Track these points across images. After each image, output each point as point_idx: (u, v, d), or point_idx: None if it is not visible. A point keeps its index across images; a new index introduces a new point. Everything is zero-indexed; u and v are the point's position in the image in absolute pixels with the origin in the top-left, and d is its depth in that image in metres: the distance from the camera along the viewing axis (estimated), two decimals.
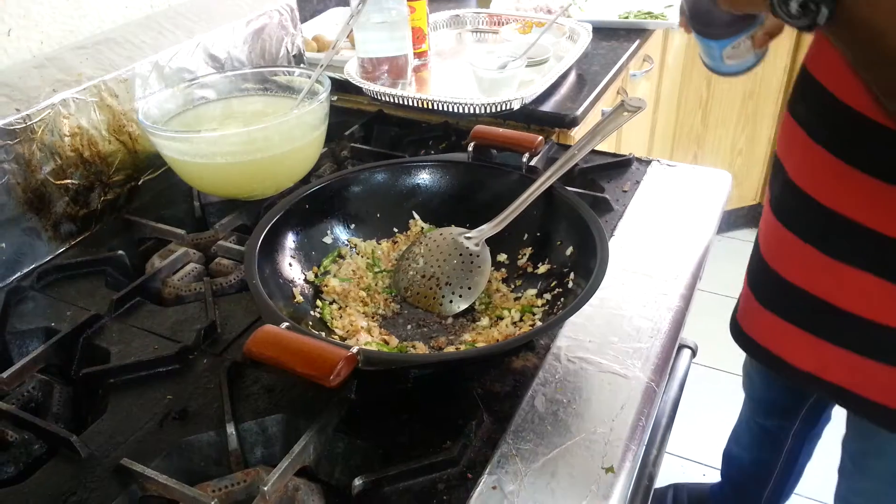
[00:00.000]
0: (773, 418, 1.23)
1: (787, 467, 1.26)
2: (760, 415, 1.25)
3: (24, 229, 0.86)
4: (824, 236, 0.76)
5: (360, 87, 1.21)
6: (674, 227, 0.90)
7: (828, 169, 0.73)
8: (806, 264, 0.79)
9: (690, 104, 2.27)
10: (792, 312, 0.84)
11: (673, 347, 0.74)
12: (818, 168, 0.74)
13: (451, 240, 0.82)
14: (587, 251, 0.73)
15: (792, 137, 0.78)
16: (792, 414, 1.17)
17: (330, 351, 0.55)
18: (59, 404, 0.69)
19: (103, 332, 0.76)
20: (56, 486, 0.59)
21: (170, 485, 0.56)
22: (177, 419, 0.64)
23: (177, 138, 0.88)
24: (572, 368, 0.69)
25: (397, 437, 0.62)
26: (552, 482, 0.58)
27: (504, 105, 1.14)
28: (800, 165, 0.78)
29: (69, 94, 0.89)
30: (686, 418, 1.53)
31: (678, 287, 0.80)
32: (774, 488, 1.30)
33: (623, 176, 1.01)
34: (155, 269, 0.84)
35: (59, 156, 0.89)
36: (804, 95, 0.77)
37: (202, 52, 1.07)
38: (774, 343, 0.88)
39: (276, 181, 0.94)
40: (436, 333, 0.76)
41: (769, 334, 0.89)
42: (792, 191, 0.79)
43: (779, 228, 0.83)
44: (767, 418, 1.24)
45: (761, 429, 1.26)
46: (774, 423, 1.22)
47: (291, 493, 0.58)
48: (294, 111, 0.88)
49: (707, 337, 1.04)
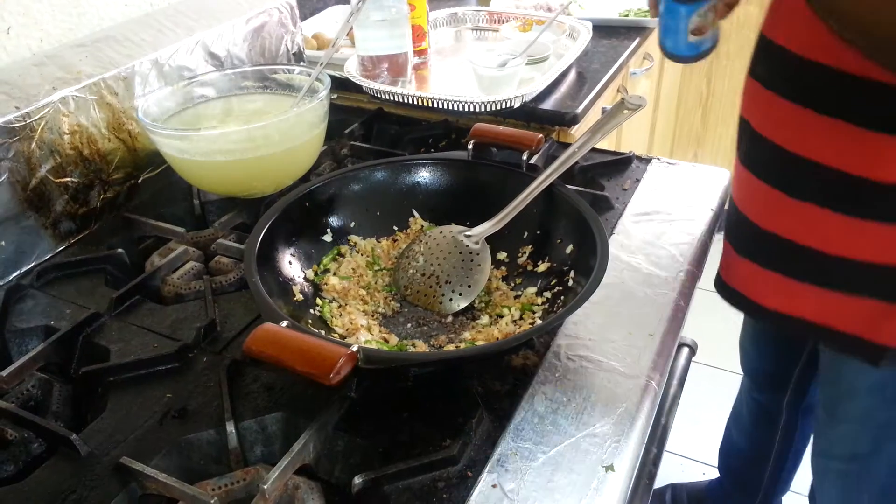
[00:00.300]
0: (766, 391, 1.27)
1: (785, 445, 1.29)
2: (755, 389, 1.29)
3: (24, 227, 0.86)
4: (789, 180, 0.82)
5: (360, 85, 1.21)
6: (674, 226, 0.90)
7: (791, 118, 0.79)
8: (775, 209, 0.84)
9: (691, 102, 2.27)
10: (764, 257, 0.89)
11: (673, 346, 0.74)
12: (781, 119, 0.81)
13: (450, 238, 0.82)
14: (587, 249, 0.73)
15: (755, 96, 0.85)
16: (783, 383, 1.21)
17: (330, 349, 0.55)
18: (58, 403, 0.69)
19: (103, 330, 0.76)
20: (55, 485, 0.59)
21: (169, 483, 0.56)
22: (176, 417, 0.64)
23: (176, 136, 0.88)
24: (572, 367, 0.69)
25: (397, 436, 0.62)
26: (552, 481, 0.58)
27: (504, 103, 1.14)
28: (764, 119, 0.84)
29: (69, 91, 0.89)
30: (686, 417, 1.54)
31: (678, 285, 0.80)
32: (773, 473, 1.32)
33: (623, 174, 1.01)
34: (154, 267, 0.84)
35: (59, 154, 0.89)
36: (766, 58, 0.83)
37: (202, 50, 1.07)
38: (752, 289, 0.93)
39: (275, 179, 0.94)
40: (436, 332, 0.76)
41: (747, 281, 0.93)
42: (759, 143, 0.84)
43: (751, 181, 0.87)
44: (762, 392, 1.28)
45: (757, 404, 1.30)
46: (768, 396, 1.26)
47: (291, 492, 0.58)
48: (294, 109, 0.88)
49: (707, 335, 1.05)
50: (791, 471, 1.35)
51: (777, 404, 1.25)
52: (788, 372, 1.19)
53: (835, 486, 1.06)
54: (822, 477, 1.09)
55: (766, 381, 1.26)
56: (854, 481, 1.02)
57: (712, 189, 0.98)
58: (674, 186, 0.98)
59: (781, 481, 1.35)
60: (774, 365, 1.22)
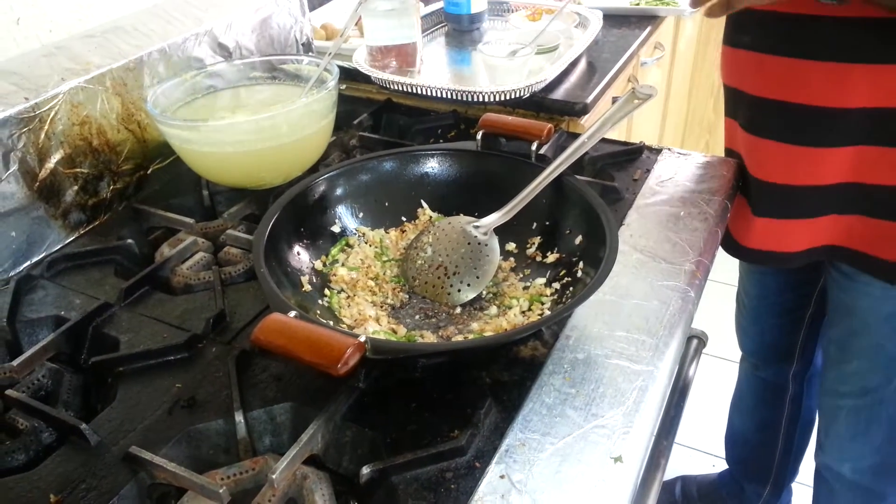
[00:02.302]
0: (771, 365, 1.28)
1: (792, 422, 1.30)
2: (759, 367, 1.31)
3: (34, 218, 0.87)
4: (794, 128, 0.88)
5: (369, 76, 1.21)
6: (685, 216, 0.89)
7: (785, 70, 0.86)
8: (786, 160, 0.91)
9: (702, 92, 2.25)
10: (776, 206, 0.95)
11: (683, 337, 0.74)
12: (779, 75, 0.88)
13: (459, 229, 0.82)
14: (596, 240, 0.72)
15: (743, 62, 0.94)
16: (788, 354, 1.24)
17: (338, 339, 0.55)
18: (68, 392, 0.70)
19: (113, 320, 0.76)
20: (65, 474, 0.59)
21: (178, 472, 0.56)
22: (185, 407, 0.64)
23: (185, 127, 0.88)
24: (581, 358, 0.69)
25: (405, 426, 0.62)
26: (560, 472, 0.58)
27: (513, 93, 1.13)
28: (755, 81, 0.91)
29: (78, 82, 0.89)
30: (695, 409, 1.53)
31: (689, 276, 0.80)
32: (782, 455, 1.33)
33: (633, 164, 1.00)
34: (164, 257, 0.84)
35: (68, 145, 0.89)
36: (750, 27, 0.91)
37: (210, 41, 1.07)
38: (764, 240, 0.98)
39: (284, 170, 0.94)
40: (444, 323, 0.76)
41: (760, 234, 0.98)
42: (760, 105, 0.91)
43: (754, 141, 0.94)
44: (766, 367, 1.29)
45: (762, 382, 1.32)
46: (773, 370, 1.28)
47: (300, 482, 0.58)
48: (302, 99, 0.88)
49: (717, 327, 1.05)
50: (800, 449, 1.35)
51: (783, 376, 1.26)
52: (792, 340, 1.22)
53: (846, 422, 1.08)
54: (832, 416, 1.11)
55: (772, 354, 1.27)
56: (865, 416, 1.04)
57: (724, 179, 0.97)
58: (685, 177, 0.97)
59: (791, 463, 1.35)
60: (778, 336, 1.24)
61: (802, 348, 1.22)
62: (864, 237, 0.92)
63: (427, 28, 1.46)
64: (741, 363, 1.37)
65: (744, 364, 1.36)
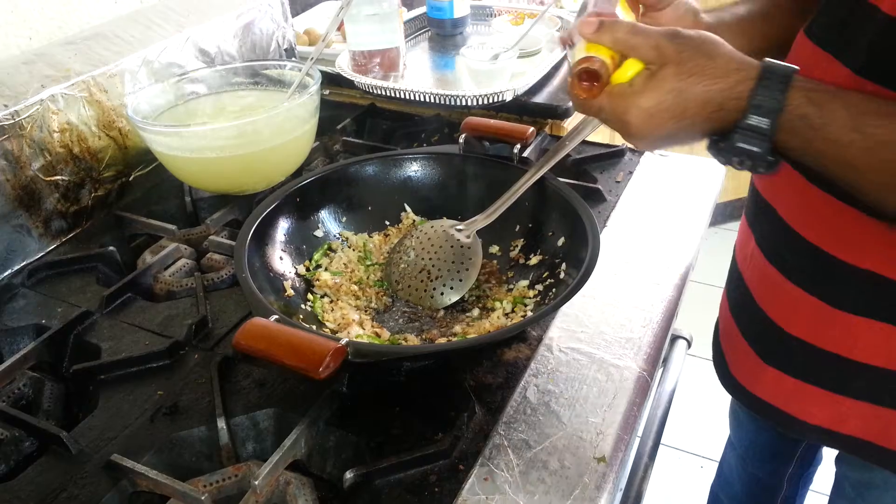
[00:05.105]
0: (766, 464, 1.13)
1: None
2: (753, 463, 1.15)
3: (14, 226, 0.86)
4: (833, 288, 0.70)
5: (352, 81, 1.21)
6: (667, 218, 0.90)
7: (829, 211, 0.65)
8: (814, 317, 0.72)
9: None
10: (800, 367, 0.77)
11: (665, 337, 0.74)
12: (815, 209, 0.67)
13: (442, 232, 0.82)
14: (579, 242, 0.72)
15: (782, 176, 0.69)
16: (786, 457, 1.09)
17: (319, 343, 0.55)
18: (49, 401, 0.69)
19: (94, 328, 0.76)
20: (46, 483, 0.58)
21: (161, 480, 0.56)
22: (167, 414, 0.64)
23: (166, 133, 0.88)
24: (564, 359, 0.69)
25: (389, 430, 0.62)
26: (544, 472, 0.58)
27: (496, 96, 1.13)
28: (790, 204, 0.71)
29: (58, 89, 0.88)
30: (682, 410, 1.53)
31: (670, 277, 0.80)
32: None
33: (616, 166, 1.01)
34: (146, 264, 0.83)
35: (49, 152, 0.88)
36: None
37: (192, 47, 1.07)
38: (782, 400, 0.80)
39: (267, 175, 0.94)
40: (428, 326, 0.76)
41: (777, 391, 0.80)
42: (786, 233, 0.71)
43: (775, 275, 0.75)
44: (761, 466, 1.14)
45: (754, 479, 1.17)
46: (768, 470, 1.13)
47: (283, 488, 0.58)
48: (284, 104, 0.88)
49: (702, 329, 1.04)
50: None
51: (778, 477, 1.12)
52: (793, 447, 1.08)
53: None
54: None
55: (766, 455, 1.12)
56: None
57: (706, 181, 0.97)
58: (667, 179, 0.98)
59: None
60: (777, 441, 1.09)
61: (805, 451, 1.07)
62: None
63: (410, 33, 1.46)
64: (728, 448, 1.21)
65: (733, 452, 1.19)
